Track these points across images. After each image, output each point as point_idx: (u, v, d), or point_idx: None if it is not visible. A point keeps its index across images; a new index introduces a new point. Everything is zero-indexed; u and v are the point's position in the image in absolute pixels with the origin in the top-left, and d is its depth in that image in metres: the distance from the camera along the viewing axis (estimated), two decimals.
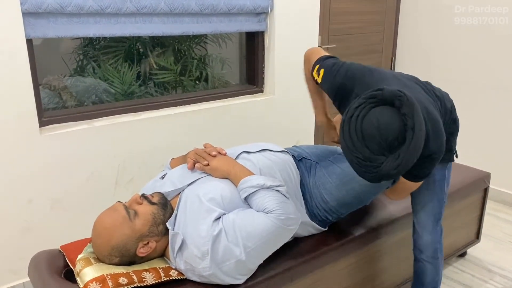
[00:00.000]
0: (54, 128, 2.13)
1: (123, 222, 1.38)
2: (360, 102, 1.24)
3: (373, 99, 1.23)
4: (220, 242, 1.36)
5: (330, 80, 1.55)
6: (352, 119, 1.22)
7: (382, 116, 1.20)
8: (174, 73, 2.87)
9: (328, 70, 1.57)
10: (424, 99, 1.47)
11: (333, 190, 1.72)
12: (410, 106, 1.20)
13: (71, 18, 2.07)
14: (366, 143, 1.20)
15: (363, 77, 1.49)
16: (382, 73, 1.52)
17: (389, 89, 1.24)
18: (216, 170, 1.56)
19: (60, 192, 2.16)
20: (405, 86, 1.48)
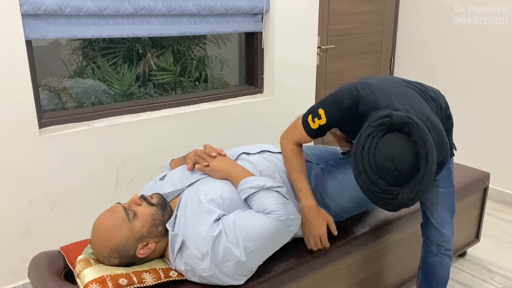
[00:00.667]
0: (53, 130, 2.14)
1: (122, 223, 1.38)
2: (369, 132, 1.24)
3: (383, 127, 1.24)
4: (220, 243, 1.36)
5: (338, 108, 1.49)
6: (364, 151, 1.23)
7: (395, 147, 1.21)
8: (173, 74, 2.87)
9: (329, 102, 1.51)
10: (425, 108, 1.48)
11: (335, 195, 1.71)
12: (420, 133, 1.22)
13: (70, 20, 2.07)
14: (381, 176, 1.21)
15: (365, 94, 1.45)
16: (380, 87, 1.49)
17: (398, 115, 1.24)
18: (216, 171, 1.56)
19: (60, 193, 2.17)
20: (404, 96, 1.48)
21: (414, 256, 2.10)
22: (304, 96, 3.07)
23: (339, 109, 1.48)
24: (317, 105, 1.55)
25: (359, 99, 1.43)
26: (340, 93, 1.49)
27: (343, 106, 1.46)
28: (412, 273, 2.21)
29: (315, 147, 2.05)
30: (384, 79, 1.62)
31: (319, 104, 1.54)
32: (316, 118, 1.52)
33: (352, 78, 3.63)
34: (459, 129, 1.75)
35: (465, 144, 1.91)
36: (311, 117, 1.54)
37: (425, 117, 1.41)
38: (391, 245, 2.03)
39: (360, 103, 1.44)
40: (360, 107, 1.44)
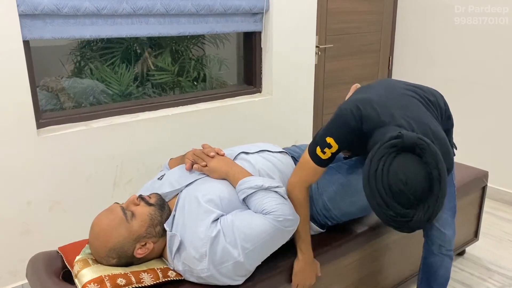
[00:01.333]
0: (52, 130, 2.13)
1: (120, 224, 1.38)
2: (381, 154, 1.24)
3: (394, 148, 1.24)
4: (218, 243, 1.36)
5: (346, 131, 1.46)
6: (377, 174, 1.23)
7: (408, 170, 1.21)
8: (171, 73, 2.86)
9: (335, 128, 1.47)
10: (427, 119, 1.48)
11: (337, 199, 1.70)
12: (432, 154, 1.22)
13: (67, 20, 2.07)
14: (395, 199, 1.21)
15: (368, 113, 1.43)
16: (381, 102, 1.46)
17: (409, 136, 1.24)
18: (214, 171, 1.56)
19: (59, 193, 2.16)
20: (406, 108, 1.47)
21: (413, 255, 2.11)
22: (303, 95, 3.07)
23: (348, 132, 1.45)
24: (321, 135, 1.49)
25: (363, 119, 1.42)
26: (343, 115, 1.45)
27: (350, 127, 1.44)
28: (411, 272, 2.21)
29: None
30: (383, 87, 1.59)
31: (323, 134, 1.48)
32: (326, 148, 1.47)
33: (351, 77, 3.63)
34: (458, 128, 1.75)
35: (464, 143, 1.92)
36: (319, 149, 1.48)
37: (428, 128, 1.42)
38: (390, 244, 2.03)
39: (364, 122, 1.42)
40: (364, 126, 1.43)
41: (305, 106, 3.11)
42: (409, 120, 1.43)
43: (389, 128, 1.39)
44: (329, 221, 1.77)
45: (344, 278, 1.89)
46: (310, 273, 1.66)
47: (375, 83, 1.72)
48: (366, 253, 1.93)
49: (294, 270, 1.63)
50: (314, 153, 1.51)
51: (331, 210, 1.72)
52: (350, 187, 1.68)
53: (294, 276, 1.63)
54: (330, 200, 1.71)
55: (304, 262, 1.63)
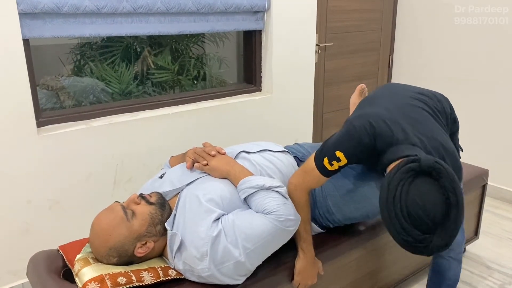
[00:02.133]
0: (51, 129, 2.13)
1: (120, 223, 1.38)
2: (399, 179, 1.24)
3: (411, 172, 1.24)
4: (219, 243, 1.36)
5: (357, 148, 1.44)
6: (395, 200, 1.23)
7: (426, 195, 1.21)
8: (171, 72, 2.86)
9: (346, 142, 1.45)
10: (437, 133, 1.48)
11: (341, 204, 1.69)
12: (449, 178, 1.23)
13: (67, 19, 2.06)
14: (414, 225, 1.21)
15: (381, 131, 1.42)
16: (392, 117, 1.45)
17: (426, 160, 1.24)
18: (215, 170, 1.55)
19: (59, 192, 2.16)
20: (417, 122, 1.47)
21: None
22: (303, 94, 3.06)
23: (359, 148, 1.44)
24: (331, 147, 1.47)
25: (376, 136, 1.41)
26: (355, 130, 1.43)
27: (362, 144, 1.43)
28: (411, 270, 2.22)
29: (317, 145, 1.99)
30: (391, 100, 1.57)
31: (333, 146, 1.47)
32: (335, 161, 1.45)
33: (351, 76, 3.63)
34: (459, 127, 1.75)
35: (464, 141, 1.91)
36: (327, 160, 1.47)
37: (439, 145, 1.43)
38: (390, 242, 2.02)
39: (377, 140, 1.42)
40: (377, 144, 1.42)
41: (305, 105, 3.11)
42: (421, 137, 1.43)
43: (402, 147, 1.39)
44: (331, 224, 1.77)
45: (344, 276, 1.89)
46: (312, 272, 1.66)
47: (381, 91, 1.70)
48: (365, 252, 1.93)
49: (296, 269, 1.63)
50: (320, 163, 1.49)
51: (334, 214, 1.71)
52: (356, 194, 1.66)
53: (296, 275, 1.63)
54: (334, 204, 1.70)
55: (305, 261, 1.63)
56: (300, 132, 3.11)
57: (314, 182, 1.57)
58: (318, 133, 3.54)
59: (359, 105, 1.69)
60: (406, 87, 1.71)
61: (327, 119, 3.57)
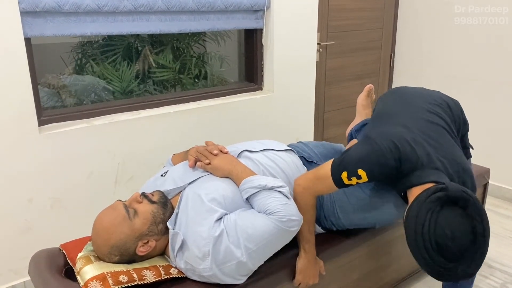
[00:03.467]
0: (53, 127, 2.13)
1: (122, 221, 1.38)
2: (427, 208, 1.26)
3: (439, 201, 1.26)
4: (221, 243, 1.35)
5: (382, 169, 1.43)
6: (424, 230, 1.25)
7: (454, 225, 1.23)
8: (173, 71, 2.86)
9: (370, 162, 1.42)
10: (456, 154, 1.48)
11: (349, 211, 1.68)
12: (476, 208, 1.25)
13: (68, 17, 2.06)
14: (441, 254, 1.23)
15: (407, 154, 1.41)
16: (415, 138, 1.44)
17: (453, 189, 1.26)
18: (217, 169, 1.54)
19: (60, 191, 2.16)
20: (438, 143, 1.47)
21: None
22: (304, 93, 3.06)
23: (384, 170, 1.43)
24: (352, 163, 1.44)
25: (402, 159, 1.41)
26: (381, 151, 1.41)
27: (387, 167, 1.42)
28: (414, 268, 2.21)
29: (322, 144, 2.01)
30: (408, 112, 1.57)
31: (355, 163, 1.44)
32: (355, 177, 1.43)
33: (352, 74, 3.63)
34: None
35: None
36: (346, 174, 1.44)
37: (461, 168, 1.45)
38: (392, 240, 2.03)
39: (403, 163, 1.41)
40: (402, 167, 1.42)
41: (307, 104, 3.11)
42: (443, 160, 1.44)
43: (426, 171, 1.40)
44: (335, 227, 1.77)
45: (345, 275, 1.88)
46: (313, 272, 1.66)
47: (394, 103, 1.68)
48: (366, 250, 1.93)
49: (297, 268, 1.63)
50: (338, 176, 1.47)
51: (341, 219, 1.71)
52: (367, 204, 1.65)
53: (297, 274, 1.63)
54: (342, 210, 1.69)
55: (307, 260, 1.63)
56: (301, 131, 3.11)
57: (325, 190, 1.57)
58: (319, 132, 3.54)
59: (374, 118, 1.67)
60: (417, 95, 1.69)
61: (328, 118, 3.57)
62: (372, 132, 1.52)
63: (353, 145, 1.52)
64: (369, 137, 1.48)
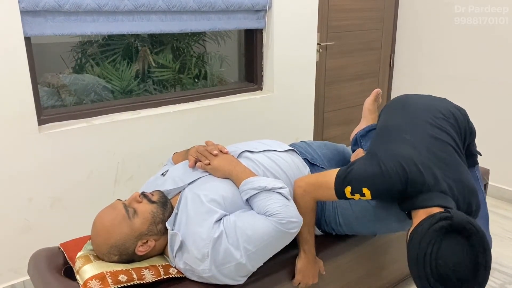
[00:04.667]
0: (53, 127, 2.13)
1: (122, 221, 1.38)
2: (431, 237, 1.26)
3: (443, 230, 1.25)
4: (220, 244, 1.35)
5: (387, 190, 1.42)
6: (425, 258, 1.25)
7: (456, 255, 1.23)
8: (172, 71, 2.86)
9: (376, 182, 1.42)
10: (463, 174, 1.47)
11: (352, 219, 1.67)
12: (480, 239, 1.24)
13: (68, 16, 2.06)
14: (441, 283, 1.23)
15: (414, 177, 1.40)
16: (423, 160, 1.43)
17: (458, 218, 1.26)
18: (217, 170, 1.54)
19: (60, 190, 2.16)
20: (444, 164, 1.45)
21: None
22: (304, 93, 3.06)
23: (389, 192, 1.42)
24: (357, 180, 1.43)
25: (408, 182, 1.40)
26: (388, 174, 1.40)
27: (394, 189, 1.41)
28: None
29: (324, 144, 1.99)
30: (415, 128, 1.55)
31: (360, 180, 1.43)
32: (358, 194, 1.43)
33: (352, 75, 3.63)
34: None
35: None
36: (350, 189, 1.44)
37: (466, 188, 1.44)
38: (389, 242, 2.03)
39: (409, 185, 1.40)
40: (408, 190, 1.41)
41: (306, 104, 3.11)
42: (449, 182, 1.43)
43: (432, 194, 1.39)
44: (334, 232, 1.77)
45: (345, 275, 1.88)
46: (313, 272, 1.66)
47: (400, 116, 1.65)
48: (364, 251, 1.93)
49: (297, 268, 1.63)
50: (341, 189, 1.46)
51: (342, 226, 1.71)
52: (371, 214, 1.64)
53: (297, 274, 1.63)
54: (344, 218, 1.69)
55: (306, 260, 1.63)
56: (301, 131, 3.10)
57: (325, 197, 1.57)
58: (319, 132, 3.54)
59: (380, 132, 1.64)
60: (424, 106, 1.67)
61: (328, 118, 3.57)
62: (379, 150, 1.50)
63: (360, 160, 1.50)
64: (376, 154, 1.47)
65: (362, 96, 3.76)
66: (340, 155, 1.99)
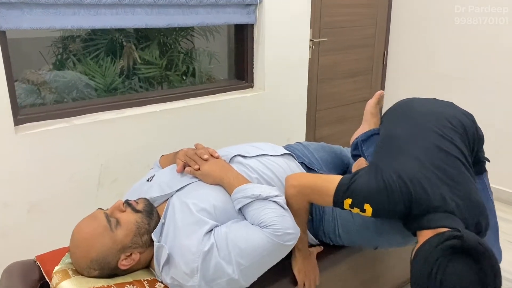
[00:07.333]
0: (31, 127, 2.01)
1: (103, 232, 1.27)
2: (438, 255, 1.17)
3: (452, 250, 1.17)
4: (211, 259, 1.24)
5: (389, 210, 1.34)
6: (431, 276, 1.16)
7: (463, 276, 1.14)
8: (159, 67, 2.77)
9: (380, 201, 1.33)
10: (472, 191, 1.38)
11: (353, 231, 1.57)
12: (491, 264, 1.16)
13: (47, 9, 1.94)
14: None
15: (419, 197, 1.32)
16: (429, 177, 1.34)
17: (469, 240, 1.17)
18: (207, 176, 1.43)
19: (38, 195, 2.05)
20: (452, 181, 1.36)
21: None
22: (296, 91, 2.98)
23: (391, 211, 1.34)
24: (360, 195, 1.34)
25: (412, 202, 1.31)
26: (392, 193, 1.31)
27: (396, 209, 1.33)
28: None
29: (321, 147, 1.90)
30: (420, 138, 1.46)
31: (363, 196, 1.34)
32: (358, 209, 1.35)
33: (345, 72, 3.54)
34: None
35: None
36: (350, 202, 1.35)
37: (476, 208, 1.36)
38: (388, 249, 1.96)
39: (413, 206, 1.32)
40: (413, 211, 1.33)
41: (299, 102, 3.03)
42: (458, 201, 1.33)
43: (438, 215, 1.30)
44: (332, 242, 1.67)
45: (345, 282, 1.82)
46: (312, 266, 1.58)
47: (403, 124, 1.56)
48: (363, 259, 1.86)
49: (295, 270, 1.55)
50: (340, 200, 1.36)
51: (341, 237, 1.61)
52: (373, 226, 1.54)
53: (298, 275, 1.54)
54: (344, 229, 1.59)
55: (302, 258, 1.55)
56: (292, 130, 3.02)
57: (319, 203, 1.50)
58: (311, 131, 3.44)
59: (384, 142, 1.54)
60: (430, 113, 1.57)
61: (320, 117, 3.48)
62: (383, 163, 1.40)
63: (363, 172, 1.40)
64: (379, 168, 1.38)
65: (355, 95, 3.69)
66: (337, 158, 1.89)
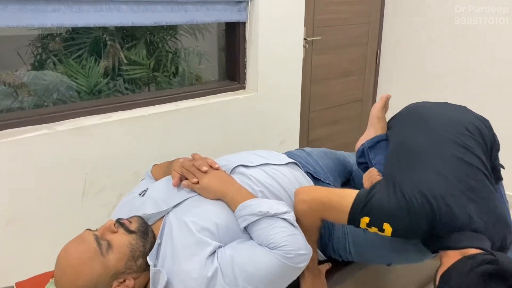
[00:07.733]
0: (8, 134, 1.87)
1: (93, 257, 1.13)
2: (471, 281, 1.09)
3: (486, 276, 1.09)
4: (215, 285, 1.12)
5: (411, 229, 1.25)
6: None
7: None
8: (146, 68, 2.64)
9: (401, 221, 1.24)
10: (497, 206, 1.30)
11: (366, 248, 1.47)
12: None
13: (24, 6, 1.78)
14: None
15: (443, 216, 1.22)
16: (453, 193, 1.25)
17: (505, 264, 1.10)
18: (207, 190, 1.30)
19: (18, 207, 1.90)
20: (479, 197, 1.27)
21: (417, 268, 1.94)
22: (289, 92, 2.87)
23: (412, 231, 1.25)
24: (380, 213, 1.25)
25: (436, 223, 1.22)
26: (415, 213, 1.22)
27: (418, 230, 1.24)
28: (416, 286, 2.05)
29: (324, 153, 1.78)
30: (440, 149, 1.36)
31: (383, 215, 1.25)
32: (377, 228, 1.25)
33: (338, 72, 3.44)
34: None
35: None
36: (367, 220, 1.25)
37: (502, 223, 1.28)
38: None
39: (436, 226, 1.22)
40: (435, 229, 1.23)
41: (292, 103, 2.92)
42: (484, 218, 1.24)
43: (465, 234, 1.21)
44: (341, 258, 1.57)
45: None
46: (321, 282, 1.49)
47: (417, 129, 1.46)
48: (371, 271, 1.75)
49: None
50: (357, 218, 1.26)
51: (351, 254, 1.50)
52: (387, 243, 1.43)
53: None
54: (356, 245, 1.48)
55: (311, 277, 1.45)
56: (286, 133, 2.92)
57: (333, 220, 1.40)
58: (304, 133, 3.33)
59: (397, 153, 1.43)
60: (444, 121, 1.48)
61: (313, 118, 3.37)
62: (400, 177, 1.30)
63: (380, 188, 1.29)
64: (397, 183, 1.27)
65: (347, 95, 3.60)
66: (341, 164, 1.78)
